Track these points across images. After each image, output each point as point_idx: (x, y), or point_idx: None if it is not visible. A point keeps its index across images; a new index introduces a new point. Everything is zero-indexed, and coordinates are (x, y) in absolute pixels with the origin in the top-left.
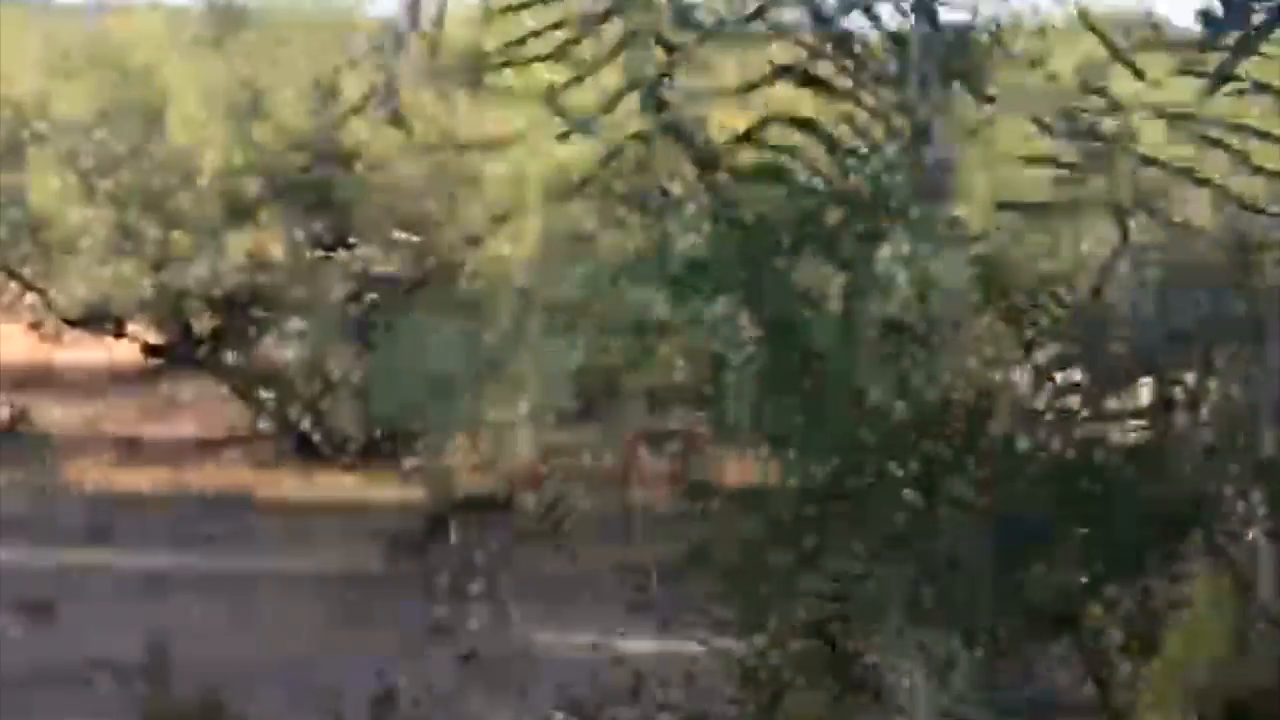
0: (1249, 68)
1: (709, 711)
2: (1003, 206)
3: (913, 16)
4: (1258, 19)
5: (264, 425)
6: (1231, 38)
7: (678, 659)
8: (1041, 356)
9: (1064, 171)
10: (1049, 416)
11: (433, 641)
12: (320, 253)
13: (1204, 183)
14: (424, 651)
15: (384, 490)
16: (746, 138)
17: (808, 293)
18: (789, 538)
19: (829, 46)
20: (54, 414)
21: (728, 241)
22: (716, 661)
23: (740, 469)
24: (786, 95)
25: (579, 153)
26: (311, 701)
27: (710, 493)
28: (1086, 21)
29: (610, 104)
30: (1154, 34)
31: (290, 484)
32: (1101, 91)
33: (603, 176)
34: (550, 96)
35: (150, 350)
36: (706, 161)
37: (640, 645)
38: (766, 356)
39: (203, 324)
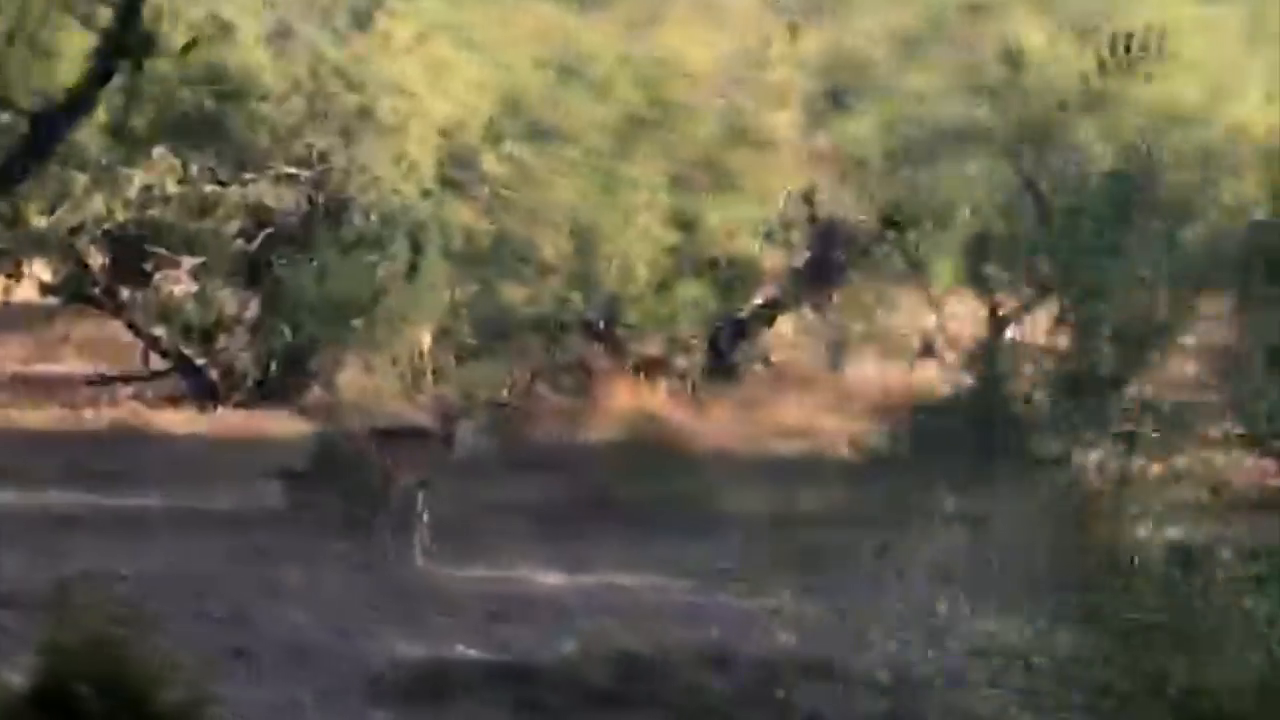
0: None
1: None
2: None
3: None
4: None
5: (160, 363)
6: None
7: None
8: None
9: None
10: None
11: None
12: (214, 188)
13: None
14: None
15: (281, 425)
16: None
17: None
18: None
19: None
20: None
21: None
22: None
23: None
24: None
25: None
26: (216, 635)
27: None
28: None
29: None
30: None
31: (187, 420)
32: None
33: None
34: None
35: (46, 288)
36: None
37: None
38: None
39: (98, 261)
